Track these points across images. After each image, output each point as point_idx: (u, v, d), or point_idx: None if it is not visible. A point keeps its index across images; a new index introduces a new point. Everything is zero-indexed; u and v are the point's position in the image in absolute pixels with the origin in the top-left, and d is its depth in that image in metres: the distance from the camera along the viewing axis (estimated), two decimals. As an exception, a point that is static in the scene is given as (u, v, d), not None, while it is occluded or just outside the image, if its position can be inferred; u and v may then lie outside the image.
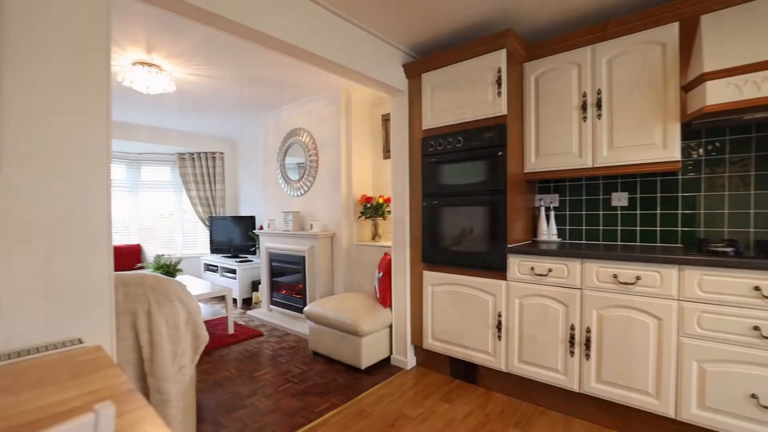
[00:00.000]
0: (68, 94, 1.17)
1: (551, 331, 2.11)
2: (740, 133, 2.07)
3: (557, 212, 2.65)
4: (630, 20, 2.06)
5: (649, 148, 2.03)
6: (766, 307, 1.56)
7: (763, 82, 1.60)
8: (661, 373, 1.80)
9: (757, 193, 2.02)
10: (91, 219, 1.22)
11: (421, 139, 2.66)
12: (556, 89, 2.34)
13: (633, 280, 1.85)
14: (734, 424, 1.64)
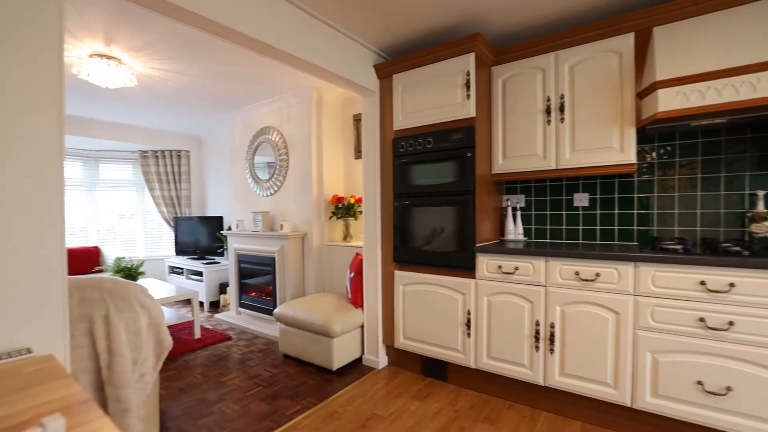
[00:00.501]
0: (12, 85, 1.10)
1: (518, 328, 2.18)
2: (688, 138, 2.21)
3: (523, 212, 2.74)
4: (590, 29, 2.16)
5: (607, 151, 2.13)
6: (710, 300, 1.68)
7: (707, 92, 1.73)
8: (619, 365, 1.90)
9: (703, 194, 2.18)
10: (41, 218, 1.14)
11: (392, 140, 2.68)
12: (522, 93, 2.41)
13: (593, 277, 1.95)
14: (683, 410, 1.75)
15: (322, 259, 3.55)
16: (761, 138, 2.03)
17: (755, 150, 2.05)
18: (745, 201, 2.07)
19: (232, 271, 4.15)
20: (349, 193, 3.68)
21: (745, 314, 1.62)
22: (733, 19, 1.80)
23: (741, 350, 1.63)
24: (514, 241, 2.56)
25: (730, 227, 2.11)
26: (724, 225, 2.12)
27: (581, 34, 2.19)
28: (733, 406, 1.65)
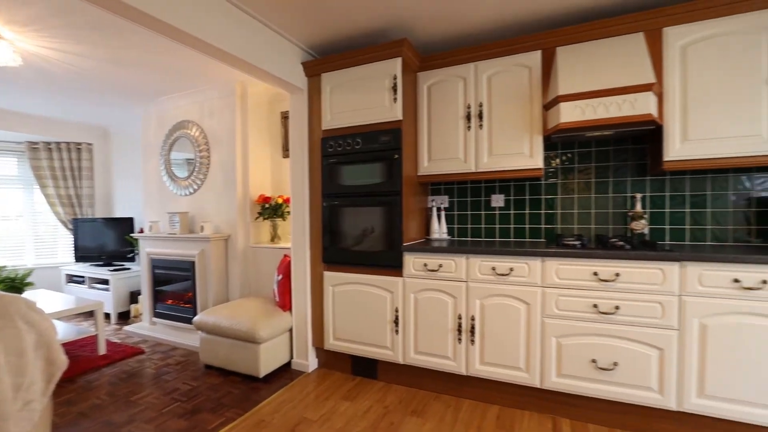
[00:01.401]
0: None
1: (442, 322, 2.29)
2: (585, 147, 2.51)
3: (447, 212, 2.89)
4: (504, 44, 2.35)
5: (519, 156, 2.34)
6: (601, 288, 1.93)
7: (598, 107, 1.98)
8: (530, 350, 2.09)
9: (596, 196, 2.49)
10: None
11: (320, 139, 2.65)
12: (445, 99, 2.54)
13: (508, 272, 2.12)
14: (581, 386, 1.99)
15: (247, 261, 3.39)
16: (640, 149, 2.38)
17: (635, 159, 2.40)
18: (628, 202, 2.41)
19: (145, 278, 3.78)
20: (277, 192, 3.57)
21: (628, 299, 1.89)
22: (620, 45, 2.08)
23: (625, 330, 1.89)
24: (439, 240, 2.68)
25: (617, 225, 2.44)
26: (612, 223, 2.45)
27: (496, 48, 2.37)
28: (619, 378, 1.91)
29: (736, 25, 1.92)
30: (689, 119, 2.00)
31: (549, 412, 2.12)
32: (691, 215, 2.28)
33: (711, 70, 1.96)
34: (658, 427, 1.91)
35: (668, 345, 1.82)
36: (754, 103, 1.89)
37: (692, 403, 1.80)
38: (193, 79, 3.26)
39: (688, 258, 1.77)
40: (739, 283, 1.72)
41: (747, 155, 1.91)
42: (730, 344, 1.74)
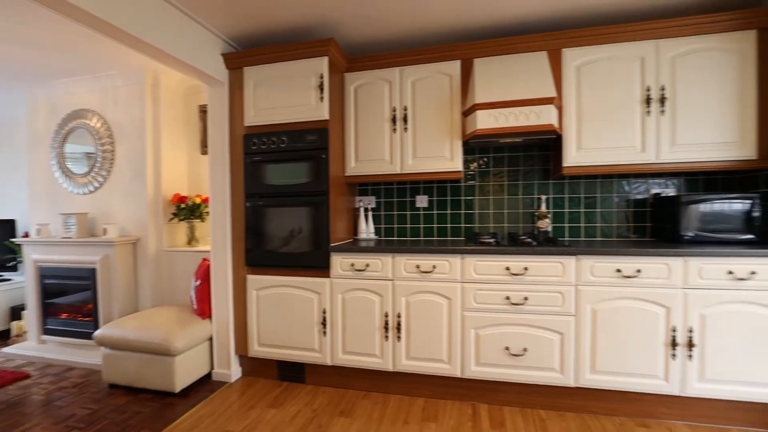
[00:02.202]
0: None
1: (369, 321, 2.33)
2: (499, 152, 2.73)
3: (374, 212, 2.95)
4: (427, 52, 2.46)
5: (441, 159, 2.47)
6: (513, 281, 2.12)
7: (509, 116, 2.17)
8: (452, 343, 2.21)
9: (508, 197, 2.72)
10: None
11: (243, 136, 2.52)
12: (371, 101, 2.58)
13: (431, 269, 2.22)
14: (497, 372, 2.16)
15: (160, 267, 3.11)
16: (545, 155, 2.66)
17: (541, 164, 2.67)
18: (534, 203, 2.68)
19: (32, 290, 3.27)
20: (195, 191, 3.32)
21: (535, 291, 2.09)
22: (528, 61, 2.30)
23: (533, 319, 2.10)
24: (366, 240, 2.72)
25: (526, 223, 2.70)
26: (522, 222, 2.70)
27: (420, 55, 2.48)
28: (528, 362, 2.11)
29: (617, 51, 2.24)
30: (583, 130, 2.28)
31: (469, 400, 2.27)
32: (585, 214, 2.61)
33: (599, 89, 2.26)
34: (561, 403, 2.14)
35: (567, 329, 2.06)
36: (630, 119, 2.22)
37: (587, 378, 2.05)
38: (93, 63, 2.89)
39: (583, 252, 2.02)
40: (620, 272, 2.00)
41: (625, 163, 2.24)
42: (614, 325, 2.02)
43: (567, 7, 2.20)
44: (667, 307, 1.96)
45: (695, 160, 2.17)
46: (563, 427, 1.99)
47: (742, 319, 1.89)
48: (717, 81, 2.14)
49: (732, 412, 1.97)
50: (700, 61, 2.16)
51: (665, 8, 2.24)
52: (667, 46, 2.19)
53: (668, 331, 1.96)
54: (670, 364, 1.96)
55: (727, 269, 1.89)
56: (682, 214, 2.16)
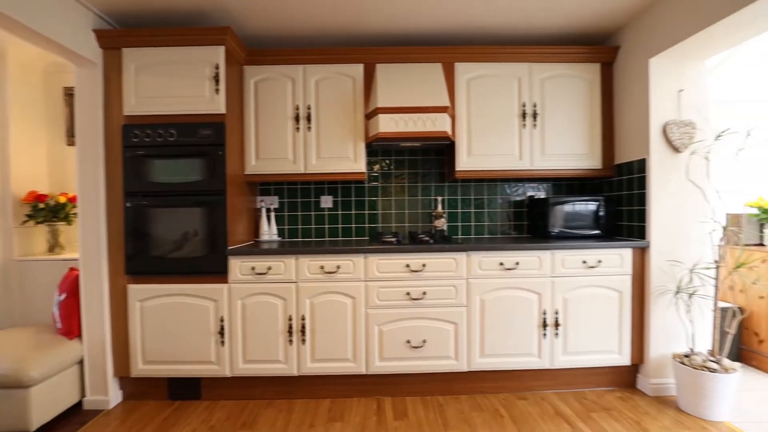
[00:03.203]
0: None
1: (272, 326, 2.24)
2: (400, 155, 2.87)
3: (277, 213, 2.85)
4: (331, 52, 2.47)
5: (345, 160, 2.50)
6: (412, 278, 2.25)
7: (408, 121, 2.30)
8: (356, 341, 2.25)
9: (409, 198, 2.88)
10: None
11: (122, 127, 2.22)
12: (273, 98, 2.50)
13: (335, 270, 2.23)
14: (400, 365, 2.26)
15: (9, 281, 2.56)
16: (441, 160, 2.87)
17: (437, 168, 2.88)
18: (432, 203, 2.88)
19: None
20: (58, 189, 2.81)
21: (432, 285, 2.25)
22: (426, 71, 2.46)
23: (430, 312, 2.25)
24: (268, 242, 2.62)
25: (425, 223, 2.89)
26: (421, 221, 2.88)
27: (324, 54, 2.47)
28: (427, 353, 2.26)
29: (500, 70, 2.53)
30: (473, 138, 2.52)
31: (375, 395, 2.34)
32: (474, 214, 2.89)
33: (485, 102, 2.53)
34: (456, 387, 2.34)
35: (460, 320, 2.26)
36: (511, 131, 2.53)
37: (477, 362, 2.27)
38: None
39: (472, 248, 2.24)
40: (503, 265, 2.26)
41: (507, 169, 2.54)
42: (498, 313, 2.27)
43: (458, 24, 2.42)
44: (539, 293, 2.27)
45: (559, 167, 2.57)
46: (458, 409, 2.17)
47: (593, 299, 2.29)
48: (574, 102, 2.56)
49: (589, 377, 2.37)
50: (562, 85, 2.56)
51: (540, 36, 2.60)
52: (538, 69, 2.54)
53: (540, 314, 2.28)
54: (542, 342, 2.28)
55: (582, 259, 2.28)
56: (550, 214, 2.54)
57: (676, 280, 2.25)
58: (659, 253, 2.26)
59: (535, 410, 2.15)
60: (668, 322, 2.27)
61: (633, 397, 2.27)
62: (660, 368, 2.28)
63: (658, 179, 2.26)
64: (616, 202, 2.57)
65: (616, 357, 2.31)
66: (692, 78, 2.28)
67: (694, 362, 2.07)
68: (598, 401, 2.24)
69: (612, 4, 2.23)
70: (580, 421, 2.03)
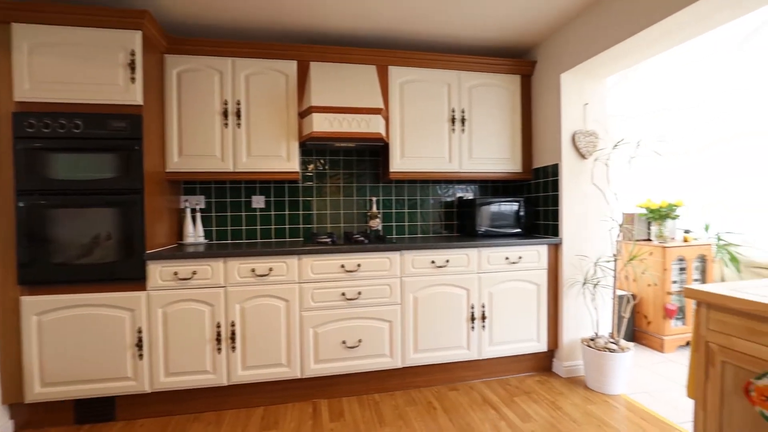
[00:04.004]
0: None
1: (198, 334, 2.10)
2: (335, 155, 2.86)
3: (204, 214, 2.67)
4: (263, 47, 2.38)
5: (278, 159, 2.43)
6: (347, 278, 2.25)
7: (343, 121, 2.30)
8: (290, 345, 2.20)
9: (344, 198, 2.88)
10: None
11: (12, 114, 1.92)
12: (199, 91, 2.34)
13: (267, 272, 2.16)
14: (336, 366, 2.24)
15: None
16: (375, 160, 2.91)
17: (372, 168, 2.91)
18: (367, 204, 2.91)
19: None
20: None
21: (367, 285, 2.27)
22: (361, 72, 2.48)
23: (366, 311, 2.27)
24: (194, 245, 2.45)
25: (360, 223, 2.90)
26: (356, 221, 2.90)
27: (255, 48, 2.38)
28: (363, 352, 2.27)
29: (431, 76, 2.63)
30: (405, 141, 2.60)
31: (310, 398, 2.29)
32: (408, 214, 2.98)
33: (418, 106, 2.62)
34: (391, 384, 2.38)
35: (395, 317, 2.31)
36: (441, 134, 2.65)
37: (411, 358, 2.34)
38: None
39: (405, 248, 2.30)
40: (434, 263, 2.36)
41: (438, 171, 2.66)
42: (431, 309, 2.36)
43: (392, 29, 2.47)
44: (467, 289, 2.41)
45: (485, 170, 2.74)
46: (393, 405, 2.22)
47: (515, 293, 2.48)
48: (498, 110, 2.76)
49: (512, 364, 2.56)
50: (487, 93, 2.73)
51: (469, 46, 2.76)
52: (466, 77, 2.70)
53: (468, 309, 2.41)
54: (471, 335, 2.42)
55: (505, 256, 2.46)
56: (477, 214, 2.70)
57: (583, 273, 2.52)
58: (570, 248, 2.52)
59: (465, 400, 2.27)
60: (578, 310, 2.54)
61: (549, 380, 2.50)
62: (571, 352, 2.54)
63: (568, 182, 2.52)
64: (534, 202, 2.81)
65: (535, 344, 2.53)
66: (596, 93, 2.58)
67: (598, 344, 2.34)
68: (520, 386, 2.43)
69: (527, 25, 2.44)
70: (505, 406, 2.19)
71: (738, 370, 1.11)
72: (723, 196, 4.16)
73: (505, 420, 2.05)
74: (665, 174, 3.96)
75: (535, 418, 2.06)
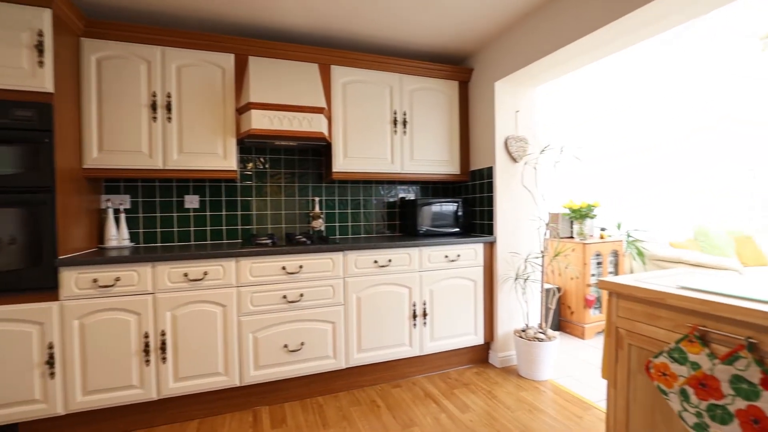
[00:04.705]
0: None
1: (123, 346, 1.92)
2: (276, 154, 2.78)
3: (130, 214, 2.45)
4: (197, 37, 2.24)
5: (213, 156, 2.30)
6: (289, 280, 2.19)
7: (284, 119, 2.24)
8: (228, 352, 2.09)
9: (285, 199, 2.81)
10: None
11: None
12: (123, 80, 2.15)
13: (202, 276, 2.03)
14: (277, 371, 2.18)
15: None
16: (318, 160, 2.88)
17: (315, 168, 2.87)
18: (310, 204, 2.86)
19: None
20: None
21: (309, 287, 2.23)
22: (303, 70, 2.43)
23: (308, 313, 2.23)
24: (118, 248, 2.24)
25: (303, 224, 2.85)
26: (299, 222, 2.84)
27: (188, 38, 2.23)
28: (306, 355, 2.23)
29: (374, 77, 2.66)
30: (349, 141, 2.60)
31: (250, 406, 2.20)
32: (352, 215, 2.98)
33: (361, 106, 2.63)
34: (335, 385, 2.37)
35: (338, 318, 2.29)
36: (383, 136, 2.69)
37: (355, 358, 2.34)
38: None
39: (348, 248, 2.30)
40: (377, 263, 2.38)
41: (381, 172, 2.69)
42: (374, 308, 2.38)
43: (333, 29, 2.46)
44: (409, 287, 2.47)
45: (426, 172, 2.83)
46: (337, 407, 2.21)
47: (454, 289, 2.58)
48: (438, 114, 2.86)
49: (452, 358, 2.66)
50: (427, 97, 2.82)
51: (412, 51, 2.83)
52: (408, 80, 2.76)
53: (410, 306, 2.47)
54: (413, 332, 2.48)
55: (445, 254, 2.55)
56: (418, 214, 2.78)
57: (515, 269, 2.70)
58: (503, 246, 2.68)
59: (407, 396, 2.33)
60: (510, 303, 2.71)
61: (486, 371, 2.64)
62: (505, 343, 2.71)
63: (501, 184, 2.69)
64: (471, 203, 2.96)
65: (473, 338, 2.66)
66: (526, 101, 2.77)
67: (528, 335, 2.52)
68: (459, 378, 2.54)
69: (464, 35, 2.57)
70: (445, 399, 2.27)
71: (641, 351, 1.26)
72: (631, 197, 4.70)
73: (446, 412, 2.13)
74: (585, 177, 4.38)
75: (473, 408, 2.17)
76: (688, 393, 1.08)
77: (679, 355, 1.12)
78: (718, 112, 4.10)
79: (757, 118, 3.83)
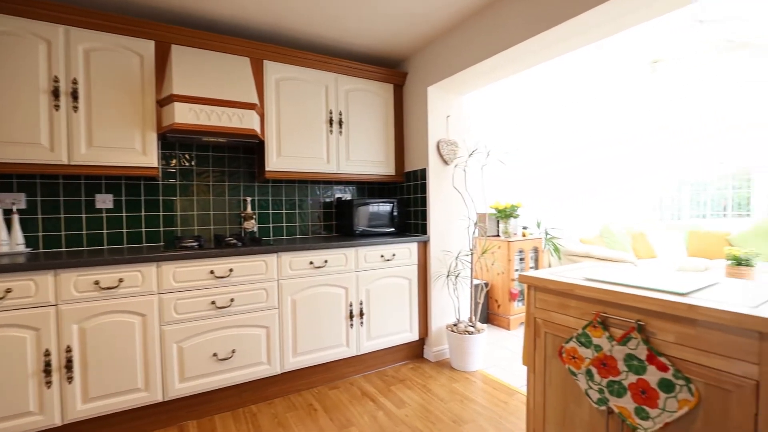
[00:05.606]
0: None
1: (17, 367, 1.67)
2: (203, 151, 2.61)
3: (26, 216, 2.14)
4: (110, 18, 2.02)
5: (130, 152, 2.09)
6: (218, 285, 2.07)
7: (212, 114, 2.11)
8: (148, 365, 1.92)
9: (215, 198, 2.64)
10: None
11: None
12: (16, 61, 1.87)
13: (116, 284, 1.84)
14: (206, 382, 2.04)
15: None
16: (250, 158, 2.75)
17: (246, 167, 2.75)
18: (241, 204, 2.73)
19: None
20: None
21: (241, 291, 2.13)
22: (233, 63, 2.31)
23: (239, 319, 2.12)
24: (9, 254, 1.94)
25: (233, 225, 2.71)
26: (229, 223, 2.69)
27: (99, 19, 2.01)
28: (238, 363, 2.12)
29: (309, 75, 2.62)
30: (282, 139, 2.52)
31: (175, 422, 2.04)
32: (286, 215, 2.90)
33: (295, 104, 2.57)
34: (270, 392, 2.28)
35: (272, 322, 2.22)
36: (319, 135, 2.65)
37: (291, 362, 2.28)
38: None
39: (282, 249, 2.23)
40: (312, 264, 2.35)
41: (316, 171, 2.65)
42: (310, 310, 2.34)
43: (264, 22, 2.37)
44: (346, 287, 2.47)
45: (362, 172, 2.85)
46: (272, 414, 2.13)
47: (390, 288, 2.64)
48: (373, 115, 2.89)
49: (388, 356, 2.71)
50: (363, 98, 2.84)
51: (348, 51, 2.82)
52: (344, 80, 2.76)
53: (347, 307, 2.47)
54: (350, 332, 2.48)
55: (380, 254, 2.59)
56: (354, 214, 2.79)
57: (447, 266, 2.83)
58: (436, 245, 2.80)
59: (345, 396, 2.32)
60: (443, 300, 2.83)
61: (421, 366, 2.73)
62: (439, 338, 2.83)
63: (434, 185, 2.79)
64: (406, 203, 3.04)
65: (408, 335, 2.73)
66: (456, 107, 2.92)
67: (459, 329, 2.66)
68: (396, 375, 2.59)
69: (396, 39, 2.63)
70: (382, 396, 2.31)
71: (555, 338, 1.40)
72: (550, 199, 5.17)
73: (383, 409, 2.17)
74: (510, 180, 4.73)
75: (409, 403, 2.23)
76: (593, 372, 1.22)
77: (585, 339, 1.26)
78: (621, 126, 4.67)
79: (642, 135, 4.43)
